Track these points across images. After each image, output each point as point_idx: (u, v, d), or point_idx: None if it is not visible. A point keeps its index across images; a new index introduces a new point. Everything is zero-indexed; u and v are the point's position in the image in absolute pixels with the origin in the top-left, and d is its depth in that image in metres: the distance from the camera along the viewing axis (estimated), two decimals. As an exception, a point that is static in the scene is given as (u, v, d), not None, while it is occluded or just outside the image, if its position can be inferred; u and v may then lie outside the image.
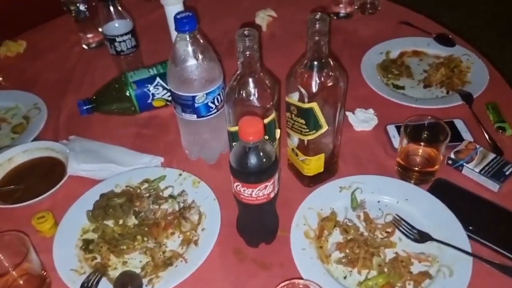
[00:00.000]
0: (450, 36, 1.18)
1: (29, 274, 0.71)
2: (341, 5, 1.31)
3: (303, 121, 0.76)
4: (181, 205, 0.84)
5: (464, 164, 0.85)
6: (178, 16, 0.75)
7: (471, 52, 1.11)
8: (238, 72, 0.71)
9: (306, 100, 0.73)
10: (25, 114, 1.09)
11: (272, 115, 0.73)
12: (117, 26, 1.07)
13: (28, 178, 0.92)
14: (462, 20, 2.57)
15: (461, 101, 0.99)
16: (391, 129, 0.95)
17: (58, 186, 0.87)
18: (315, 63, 0.72)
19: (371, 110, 1.00)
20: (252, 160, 0.65)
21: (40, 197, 0.85)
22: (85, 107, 1.03)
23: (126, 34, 1.07)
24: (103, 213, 0.83)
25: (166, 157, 0.95)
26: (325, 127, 0.77)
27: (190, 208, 0.81)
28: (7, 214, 0.86)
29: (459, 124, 0.94)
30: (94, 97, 1.05)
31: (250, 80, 0.70)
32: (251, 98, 0.71)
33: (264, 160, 0.65)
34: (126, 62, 1.13)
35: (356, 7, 1.33)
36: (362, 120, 0.98)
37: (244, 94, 0.71)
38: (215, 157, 0.94)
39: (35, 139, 1.01)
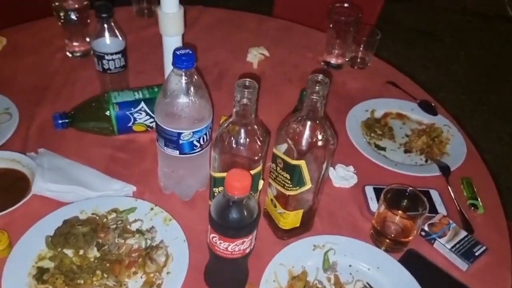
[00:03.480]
0: (433, 104, 1.21)
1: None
2: (333, 55, 1.33)
3: (288, 176, 0.75)
4: (149, 242, 0.80)
5: (437, 238, 0.86)
6: (178, 52, 0.73)
7: (452, 124, 1.14)
8: (231, 119, 0.69)
9: (294, 156, 0.72)
10: (-7, 117, 1.03)
11: (259, 167, 0.72)
12: (108, 44, 1.03)
13: (-14, 190, 0.86)
14: (439, 81, 2.69)
15: (438, 172, 1.01)
16: (369, 191, 0.96)
17: (19, 204, 0.82)
18: (309, 122, 0.71)
19: (351, 168, 1.00)
20: (234, 214, 0.63)
21: (-3, 214, 0.79)
22: (60, 121, 0.98)
23: (116, 53, 1.04)
24: (64, 241, 0.78)
25: (139, 187, 0.92)
26: (308, 185, 0.76)
27: (157, 248, 0.78)
28: (-42, 227, 0.80)
29: (435, 195, 0.95)
30: (72, 112, 1.00)
31: (242, 130, 0.69)
32: (241, 149, 0.69)
33: (246, 215, 0.63)
34: (111, 80, 1.09)
35: (347, 59, 1.35)
36: (342, 177, 0.98)
37: (234, 144, 0.69)
38: (191, 194, 0.91)
39: (1, 147, 0.95)
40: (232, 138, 0.69)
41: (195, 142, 0.81)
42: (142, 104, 0.98)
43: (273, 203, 0.83)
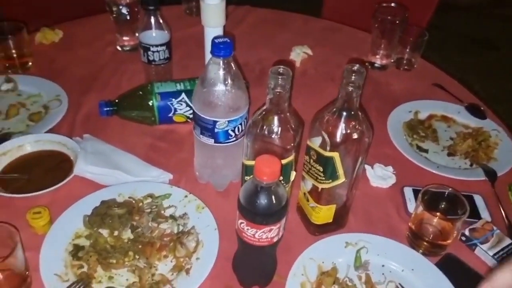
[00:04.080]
0: (482, 108, 1.15)
1: (11, 271, 0.68)
2: (377, 56, 1.30)
3: (321, 168, 0.74)
4: (181, 228, 0.81)
5: (478, 244, 0.81)
6: (216, 40, 0.74)
7: (501, 129, 1.08)
8: (265, 107, 0.69)
9: (328, 148, 0.71)
10: (45, 103, 1.09)
11: (291, 157, 0.71)
12: (154, 36, 1.07)
13: (33, 169, 0.91)
14: (493, 91, 2.56)
15: (484, 176, 0.96)
16: (408, 192, 0.92)
17: (61, 183, 0.85)
18: (344, 113, 0.70)
19: (390, 168, 0.97)
20: (262, 200, 0.62)
21: (40, 192, 0.83)
22: (106, 109, 1.03)
23: (161, 45, 1.07)
24: (100, 221, 0.80)
25: (175, 175, 0.93)
26: (342, 179, 0.74)
27: (188, 234, 0.79)
28: (3, 202, 0.84)
29: (479, 200, 0.91)
30: (117, 100, 1.04)
31: (276, 118, 0.68)
32: (273, 137, 0.69)
33: (274, 202, 0.63)
34: (155, 71, 1.13)
35: (392, 60, 1.31)
36: (380, 176, 0.96)
37: (266, 131, 0.69)
38: (225, 184, 0.91)
39: (49, 131, 1.00)
40: (264, 126, 0.69)
41: (230, 132, 0.82)
42: (183, 95, 1.00)
43: (305, 197, 0.82)
